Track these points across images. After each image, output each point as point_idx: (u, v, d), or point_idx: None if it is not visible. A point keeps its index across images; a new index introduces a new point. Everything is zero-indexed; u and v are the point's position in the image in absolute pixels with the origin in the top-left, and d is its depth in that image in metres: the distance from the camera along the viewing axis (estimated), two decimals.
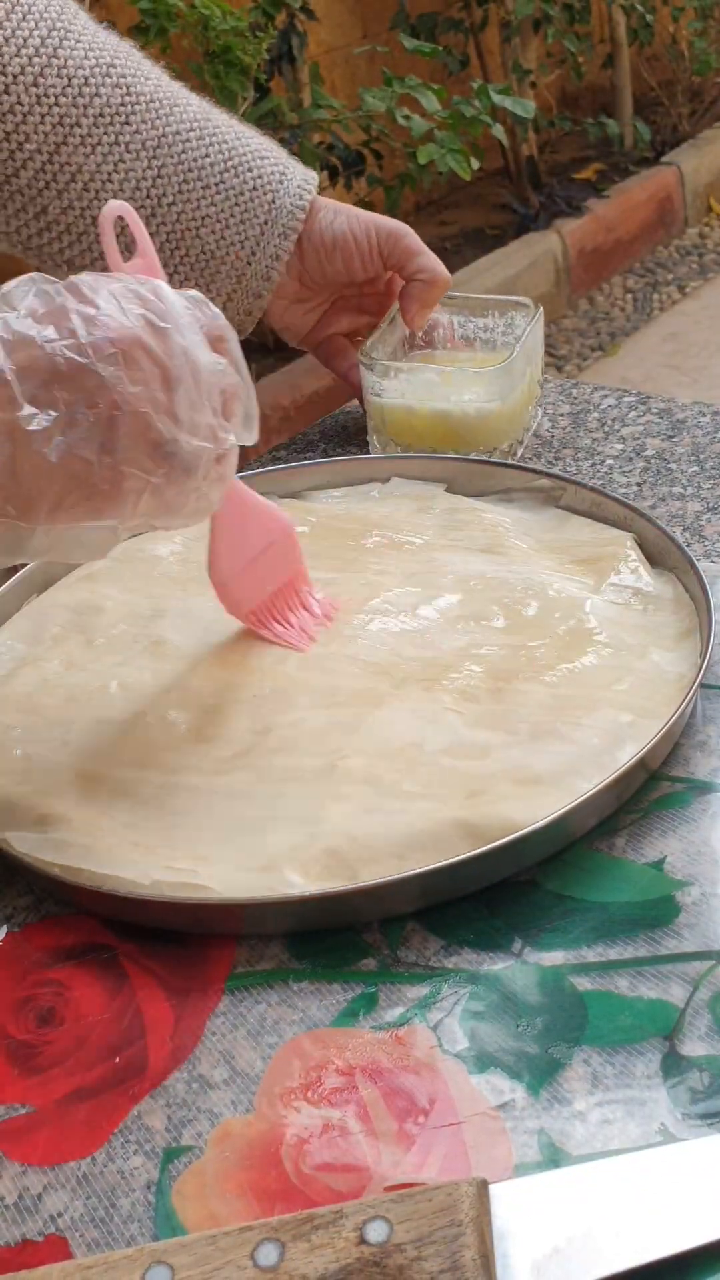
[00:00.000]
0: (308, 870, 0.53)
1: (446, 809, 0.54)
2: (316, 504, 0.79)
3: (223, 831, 0.55)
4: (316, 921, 0.52)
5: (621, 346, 3.07)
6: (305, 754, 0.58)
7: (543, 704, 0.59)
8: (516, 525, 0.73)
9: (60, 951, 0.53)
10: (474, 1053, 0.46)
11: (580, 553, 0.70)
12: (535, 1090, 0.45)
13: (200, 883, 0.53)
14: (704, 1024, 0.46)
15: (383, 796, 0.55)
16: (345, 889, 0.52)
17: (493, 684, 0.61)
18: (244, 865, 0.53)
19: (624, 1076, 0.45)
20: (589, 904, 0.52)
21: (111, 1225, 0.43)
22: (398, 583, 0.69)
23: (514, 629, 0.64)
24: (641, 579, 0.67)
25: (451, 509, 0.75)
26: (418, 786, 0.55)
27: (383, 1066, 0.46)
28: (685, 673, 0.60)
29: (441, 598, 0.67)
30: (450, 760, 0.57)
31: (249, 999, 0.50)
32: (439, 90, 2.42)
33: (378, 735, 0.58)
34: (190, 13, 2.10)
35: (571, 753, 0.56)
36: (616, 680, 0.60)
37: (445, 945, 0.51)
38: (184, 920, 0.53)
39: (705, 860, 0.53)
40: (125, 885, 0.53)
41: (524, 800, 0.54)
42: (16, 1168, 0.45)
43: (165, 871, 0.53)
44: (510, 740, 0.57)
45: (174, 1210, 0.43)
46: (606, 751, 0.56)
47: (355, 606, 0.67)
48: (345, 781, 0.56)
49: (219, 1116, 0.46)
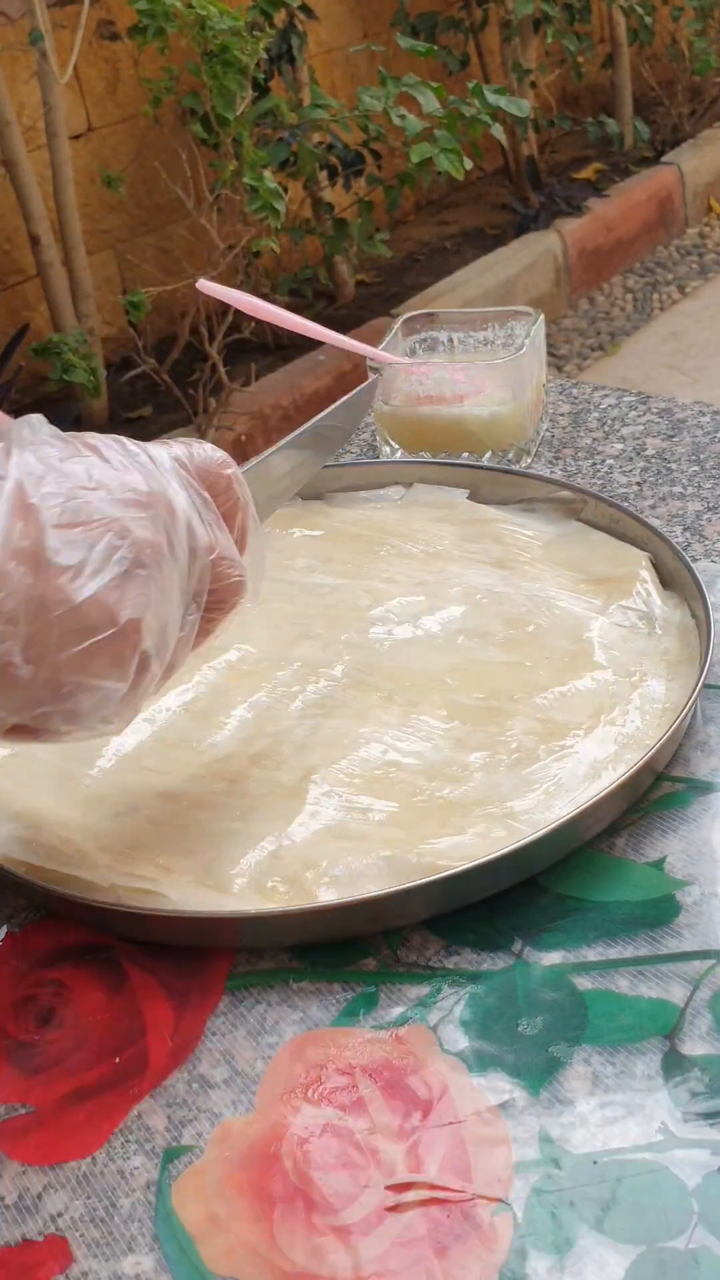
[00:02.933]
0: (265, 892, 0.52)
1: (410, 842, 0.53)
2: (335, 507, 0.78)
3: (189, 843, 0.55)
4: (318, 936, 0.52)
5: (621, 346, 3.06)
6: (282, 767, 0.58)
7: (530, 729, 0.58)
8: (534, 538, 0.73)
9: (60, 951, 0.53)
10: (474, 1052, 0.46)
11: (594, 571, 0.69)
12: (535, 1090, 0.45)
13: (159, 890, 0.52)
14: (704, 1023, 0.46)
15: (351, 821, 0.55)
16: (344, 901, 0.51)
17: (484, 702, 0.60)
18: (203, 880, 0.53)
19: (624, 1076, 0.45)
20: (589, 904, 0.52)
21: (112, 1225, 0.43)
22: (404, 591, 0.69)
23: (514, 646, 0.64)
24: (652, 603, 0.66)
25: (469, 519, 0.75)
26: (389, 811, 0.55)
27: (383, 1066, 0.46)
28: (678, 703, 0.59)
29: (445, 609, 0.67)
30: (428, 782, 0.56)
31: (249, 999, 0.50)
32: (438, 89, 2.42)
33: (359, 751, 0.58)
34: (188, 12, 2.10)
35: (550, 784, 0.55)
36: (608, 708, 0.59)
37: (445, 945, 0.51)
38: (139, 931, 0.53)
39: (705, 860, 0.52)
40: (84, 888, 0.53)
41: (489, 841, 0.52)
42: (16, 1167, 0.45)
43: (125, 878, 0.53)
44: (493, 764, 0.57)
45: (174, 1210, 0.43)
46: (582, 785, 0.55)
47: (357, 616, 0.67)
48: (317, 801, 0.56)
49: (219, 1116, 0.46)
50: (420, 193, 3.45)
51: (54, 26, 2.31)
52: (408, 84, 2.40)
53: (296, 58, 2.66)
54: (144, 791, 0.58)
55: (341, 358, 2.61)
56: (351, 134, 2.63)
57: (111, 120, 2.69)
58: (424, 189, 3.37)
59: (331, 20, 3.12)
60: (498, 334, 0.88)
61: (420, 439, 0.83)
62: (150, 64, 2.44)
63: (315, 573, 0.71)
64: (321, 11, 2.91)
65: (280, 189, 2.23)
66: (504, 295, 2.95)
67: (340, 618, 0.67)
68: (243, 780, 0.57)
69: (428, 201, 3.56)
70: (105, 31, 2.64)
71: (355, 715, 0.60)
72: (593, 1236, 0.40)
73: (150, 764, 0.59)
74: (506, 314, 0.88)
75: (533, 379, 0.83)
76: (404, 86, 2.40)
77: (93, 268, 2.52)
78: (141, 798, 0.58)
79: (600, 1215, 0.41)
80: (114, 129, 2.70)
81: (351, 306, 2.96)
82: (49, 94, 2.25)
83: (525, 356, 0.81)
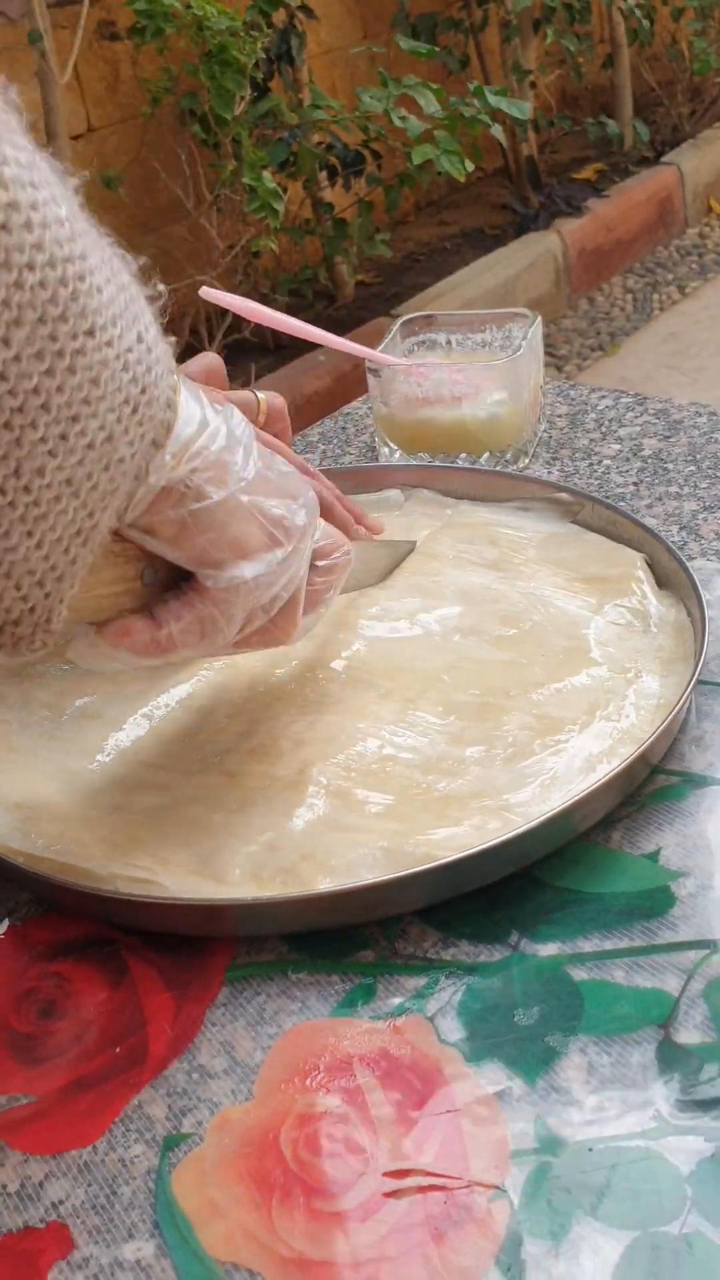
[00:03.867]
0: (262, 882, 0.53)
1: (406, 833, 0.53)
2: None
3: (186, 835, 0.55)
4: (315, 923, 0.53)
5: (621, 346, 3.07)
6: (280, 761, 0.58)
7: (526, 724, 0.59)
8: (530, 539, 0.73)
9: (61, 945, 0.54)
10: (471, 1042, 0.47)
11: (589, 571, 0.70)
12: (532, 1079, 0.45)
13: (157, 880, 0.53)
14: (699, 1013, 0.47)
15: (349, 813, 0.55)
16: (342, 889, 0.51)
17: (480, 698, 0.61)
18: (200, 870, 0.53)
19: (620, 1065, 0.45)
20: (585, 895, 0.52)
21: (112, 1212, 0.43)
22: (399, 592, 0.69)
23: (509, 644, 0.64)
24: (647, 601, 0.67)
25: (466, 522, 0.75)
26: (386, 804, 0.55)
27: (380, 1056, 0.47)
28: (673, 698, 0.59)
29: (441, 608, 0.67)
30: (424, 776, 0.57)
31: (248, 990, 0.50)
32: (438, 90, 2.43)
33: (356, 746, 0.58)
34: (186, 13, 2.11)
35: (545, 778, 0.56)
36: (603, 704, 0.60)
37: (443, 937, 0.51)
38: (142, 920, 0.53)
39: (700, 852, 0.53)
40: (82, 876, 0.54)
41: (484, 832, 0.53)
42: (19, 1156, 0.46)
43: (123, 867, 0.54)
44: (489, 758, 0.57)
45: (174, 1197, 0.43)
46: (577, 779, 0.55)
47: (354, 613, 0.68)
48: (314, 794, 0.56)
49: (218, 1105, 0.46)
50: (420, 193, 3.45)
51: (54, 27, 2.31)
52: (408, 85, 2.40)
53: (296, 58, 2.67)
54: (142, 785, 0.58)
55: (341, 359, 2.62)
56: (351, 134, 2.63)
57: (111, 120, 2.70)
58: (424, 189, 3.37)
59: (331, 20, 3.12)
60: (495, 336, 0.88)
61: (418, 440, 0.84)
62: (149, 64, 2.45)
63: None
64: (321, 12, 2.91)
65: (280, 189, 2.24)
66: (504, 295, 2.96)
67: (337, 617, 0.68)
68: (240, 774, 0.58)
69: (428, 201, 3.56)
70: (105, 32, 2.64)
71: (352, 712, 0.61)
72: (588, 1223, 0.41)
73: (149, 758, 0.60)
74: (504, 316, 0.88)
75: (530, 380, 0.84)
76: (404, 88, 2.40)
77: None
78: (140, 791, 0.58)
79: (595, 1202, 0.41)
80: (113, 129, 2.70)
81: (351, 307, 2.97)
82: (49, 94, 2.25)
83: (523, 358, 0.82)
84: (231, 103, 2.18)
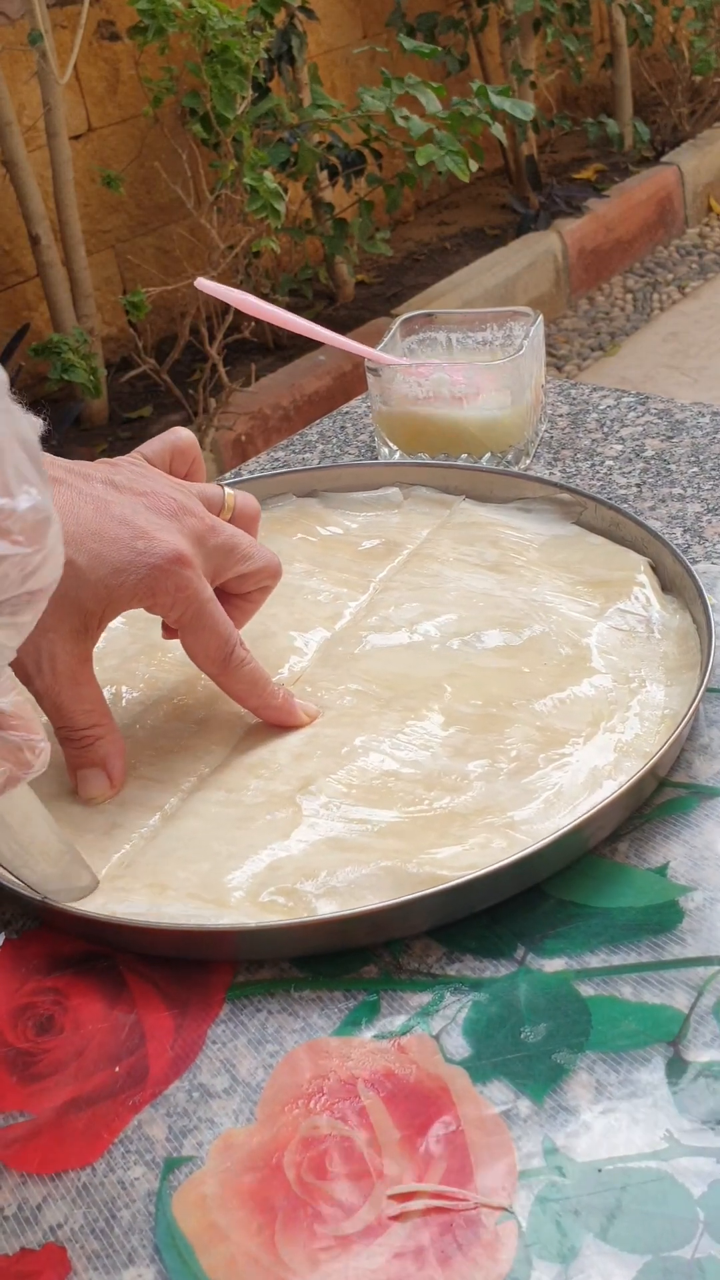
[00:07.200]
0: (262, 904, 0.51)
1: (409, 852, 0.52)
2: (331, 509, 0.78)
3: (185, 854, 0.54)
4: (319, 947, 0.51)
5: (621, 346, 3.06)
6: (279, 776, 0.57)
7: (529, 736, 0.58)
8: (531, 541, 0.72)
9: (59, 960, 0.53)
10: (477, 1060, 0.46)
11: (592, 574, 0.69)
12: (539, 1098, 0.44)
13: (154, 907, 0.52)
14: (709, 1030, 0.46)
15: (350, 831, 0.54)
16: (347, 914, 0.50)
17: (482, 709, 0.60)
18: (199, 894, 0.52)
19: (628, 1083, 0.44)
20: (592, 910, 0.51)
21: (112, 1236, 0.43)
22: (400, 598, 0.68)
23: (511, 652, 0.63)
24: (651, 607, 0.65)
25: (466, 522, 0.74)
26: (388, 821, 0.54)
27: (385, 1075, 0.46)
28: (678, 710, 0.58)
29: (441, 615, 0.66)
30: (426, 792, 0.56)
31: (250, 1007, 0.50)
32: (439, 89, 2.42)
33: (356, 761, 0.57)
34: (188, 12, 2.10)
35: (550, 793, 0.55)
36: (607, 715, 0.58)
37: (447, 953, 0.50)
38: (143, 944, 0.52)
39: (709, 865, 0.52)
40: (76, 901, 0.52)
41: (489, 851, 0.52)
42: (16, 1177, 0.45)
43: (120, 894, 0.53)
44: (492, 772, 0.56)
45: (175, 1221, 0.43)
46: (582, 794, 0.54)
47: (354, 622, 0.67)
48: (314, 812, 0.55)
49: (220, 1126, 0.45)
50: (420, 193, 3.44)
51: (54, 27, 2.31)
52: (409, 85, 2.40)
53: (297, 58, 2.66)
54: (139, 804, 0.57)
55: (341, 358, 2.61)
56: (352, 134, 2.62)
57: (111, 120, 2.69)
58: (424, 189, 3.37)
59: (332, 20, 3.11)
60: (496, 335, 0.87)
61: (418, 440, 0.83)
62: (150, 64, 2.44)
63: (312, 577, 0.71)
64: (322, 12, 2.91)
65: (280, 189, 2.23)
66: (504, 295, 2.95)
67: (336, 623, 0.67)
68: (239, 790, 0.57)
69: (428, 201, 3.56)
70: (105, 31, 2.63)
71: (352, 723, 0.60)
72: (597, 1246, 0.40)
73: (146, 773, 0.59)
74: (505, 315, 0.87)
75: (531, 380, 0.83)
76: (406, 87, 2.40)
77: (93, 268, 2.52)
78: (136, 811, 0.57)
79: (605, 1224, 0.40)
80: (114, 129, 2.69)
81: (351, 306, 2.96)
82: (49, 94, 2.25)
83: (524, 357, 0.81)
84: (233, 102, 2.18)
